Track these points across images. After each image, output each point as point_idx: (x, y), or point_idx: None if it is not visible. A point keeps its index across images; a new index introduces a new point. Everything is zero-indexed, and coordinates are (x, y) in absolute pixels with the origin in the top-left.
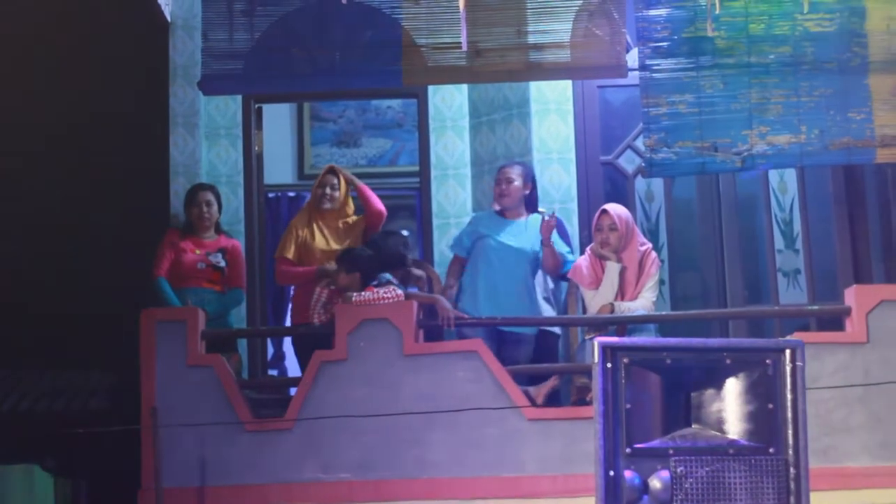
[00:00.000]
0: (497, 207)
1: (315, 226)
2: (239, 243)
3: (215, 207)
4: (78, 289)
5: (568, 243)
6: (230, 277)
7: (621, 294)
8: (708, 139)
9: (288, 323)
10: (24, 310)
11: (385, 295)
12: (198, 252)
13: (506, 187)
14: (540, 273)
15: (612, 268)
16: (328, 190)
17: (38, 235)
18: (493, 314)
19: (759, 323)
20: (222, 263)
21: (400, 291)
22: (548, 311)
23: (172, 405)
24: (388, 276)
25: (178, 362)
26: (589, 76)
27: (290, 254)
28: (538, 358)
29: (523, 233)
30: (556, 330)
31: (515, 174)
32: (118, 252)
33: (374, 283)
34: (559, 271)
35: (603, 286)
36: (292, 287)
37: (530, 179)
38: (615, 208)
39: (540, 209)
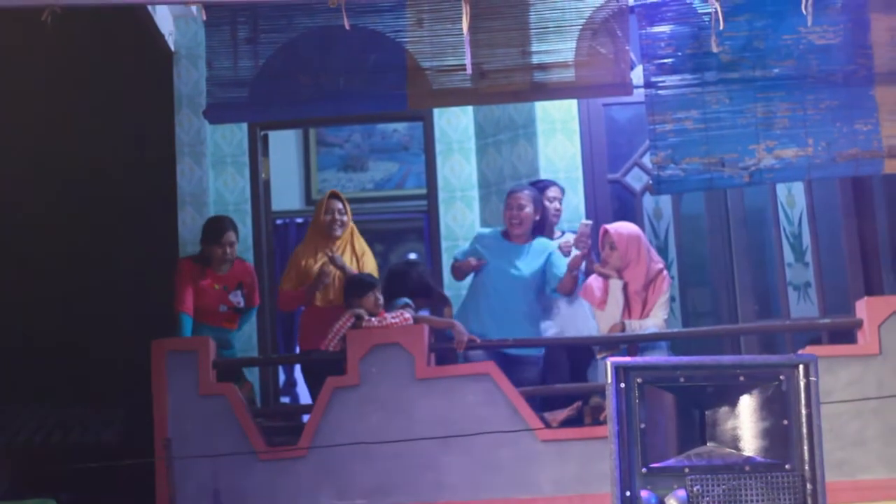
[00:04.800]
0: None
1: (321, 254)
2: (251, 265)
3: (236, 245)
4: (88, 322)
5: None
6: (249, 300)
7: (629, 312)
8: (715, 155)
9: (297, 349)
10: (36, 344)
11: (393, 321)
12: (216, 287)
13: (517, 213)
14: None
15: (615, 285)
16: (337, 215)
17: (46, 268)
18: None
19: (770, 338)
20: (242, 304)
21: (408, 315)
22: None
23: (186, 436)
24: (405, 299)
25: (191, 392)
26: (594, 95)
27: (289, 285)
28: (574, 376)
29: (527, 258)
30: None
31: (526, 200)
32: (128, 283)
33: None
34: (573, 293)
35: (608, 304)
36: (299, 313)
37: (540, 204)
38: (616, 227)
39: (585, 221)
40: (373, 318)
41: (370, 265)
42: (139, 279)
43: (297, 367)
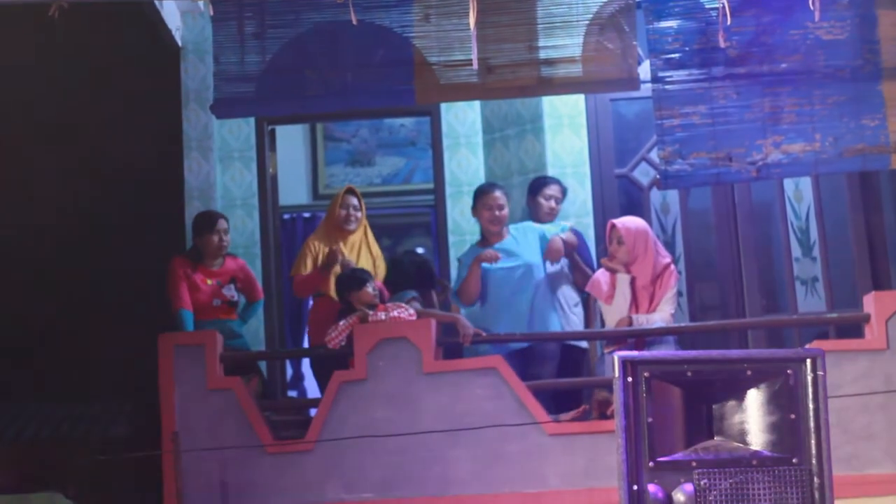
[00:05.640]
0: (481, 236)
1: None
2: (242, 260)
3: (229, 235)
4: (95, 316)
5: (589, 258)
6: (250, 293)
7: (636, 306)
8: (722, 149)
9: (306, 343)
10: (43, 338)
11: (398, 315)
12: (209, 282)
13: (498, 214)
14: (566, 286)
15: (622, 279)
16: (352, 210)
17: (52, 263)
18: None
19: (778, 332)
20: (236, 298)
21: (412, 311)
22: (576, 323)
23: (193, 429)
24: (412, 292)
25: (198, 386)
26: (601, 90)
27: (306, 270)
28: (566, 373)
29: (515, 248)
30: (583, 344)
31: (504, 199)
32: (135, 278)
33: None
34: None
35: (615, 299)
36: (309, 306)
37: None
38: (624, 222)
39: (564, 222)
40: (379, 314)
41: (382, 270)
42: (146, 274)
43: (305, 361)
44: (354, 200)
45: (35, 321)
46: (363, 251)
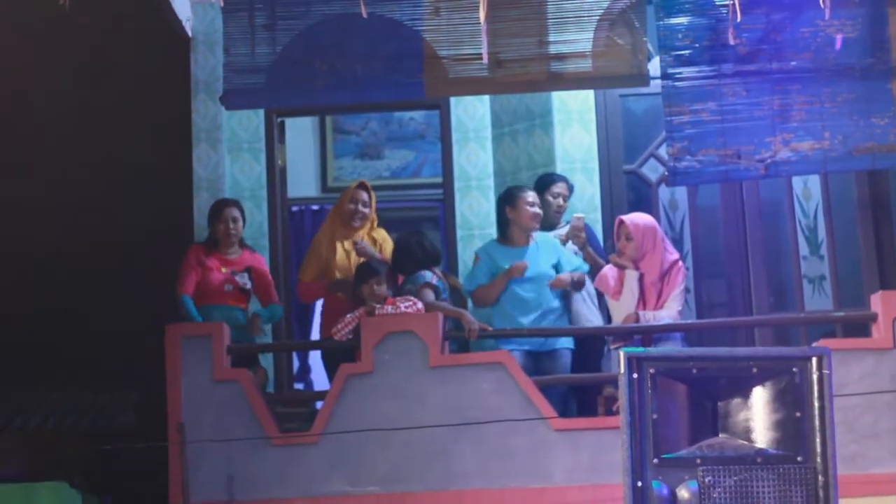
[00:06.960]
0: (501, 234)
1: (338, 243)
2: (262, 257)
3: (241, 223)
4: (103, 306)
5: (600, 251)
6: (264, 295)
7: (643, 303)
8: (731, 147)
9: (316, 336)
10: (50, 328)
11: (406, 309)
12: (223, 270)
13: (539, 212)
14: (588, 283)
15: (631, 276)
16: (360, 206)
17: (61, 253)
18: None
19: (784, 330)
20: (248, 286)
21: (420, 305)
22: (599, 316)
23: (199, 421)
24: (429, 274)
25: (204, 377)
26: (611, 85)
27: (308, 277)
28: (586, 366)
29: (537, 254)
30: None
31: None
32: (143, 268)
33: (394, 293)
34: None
35: (623, 295)
36: (320, 301)
37: None
38: (632, 218)
39: (577, 214)
40: (387, 307)
41: (389, 253)
42: (154, 264)
43: (312, 354)
44: (365, 196)
45: (43, 311)
46: (365, 241)
